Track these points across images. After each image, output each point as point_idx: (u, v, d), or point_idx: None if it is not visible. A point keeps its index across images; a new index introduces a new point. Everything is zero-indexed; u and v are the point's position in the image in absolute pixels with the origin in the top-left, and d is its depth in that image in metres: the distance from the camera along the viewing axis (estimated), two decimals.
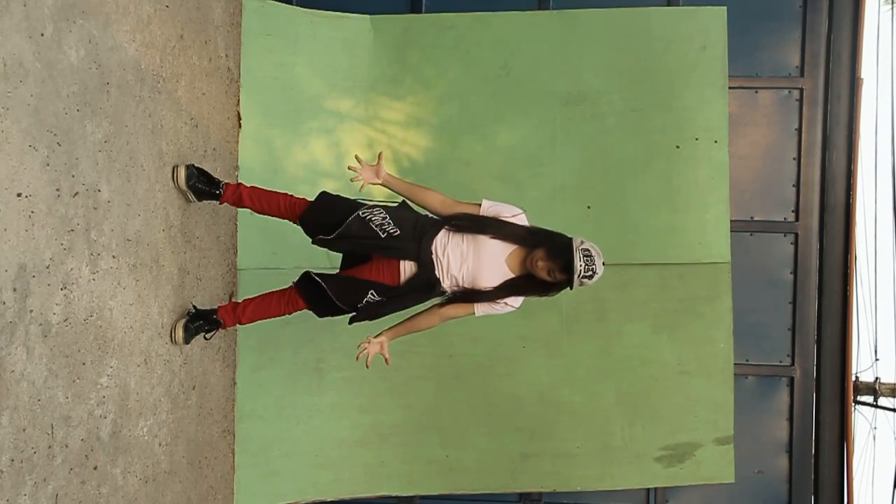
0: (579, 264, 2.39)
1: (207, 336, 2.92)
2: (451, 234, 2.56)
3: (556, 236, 2.51)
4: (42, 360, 2.02)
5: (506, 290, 2.55)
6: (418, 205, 2.62)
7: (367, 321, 2.69)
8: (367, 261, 2.68)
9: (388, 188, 2.62)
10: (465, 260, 2.52)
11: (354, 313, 2.67)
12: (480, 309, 2.59)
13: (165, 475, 2.82)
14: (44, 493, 2.05)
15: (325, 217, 2.60)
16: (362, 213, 2.56)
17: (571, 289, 2.48)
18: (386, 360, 2.62)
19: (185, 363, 2.96)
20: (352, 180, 2.58)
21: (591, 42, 3.84)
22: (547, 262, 2.44)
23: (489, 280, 2.52)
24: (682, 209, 3.80)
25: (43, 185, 2.01)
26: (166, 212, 2.74)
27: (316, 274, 2.64)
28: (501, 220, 2.55)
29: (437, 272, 2.54)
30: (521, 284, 2.55)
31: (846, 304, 4.10)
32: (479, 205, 2.58)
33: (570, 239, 2.47)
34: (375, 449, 3.84)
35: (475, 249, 2.52)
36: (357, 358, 2.59)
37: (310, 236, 2.66)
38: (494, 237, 2.53)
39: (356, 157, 2.59)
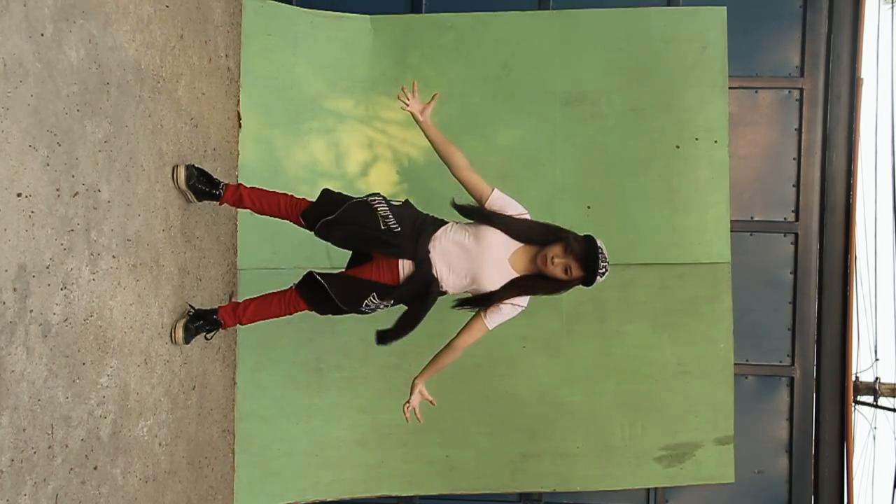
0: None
1: (208, 336, 2.93)
2: (451, 233, 2.56)
3: (572, 233, 2.49)
4: (42, 360, 2.02)
5: (516, 288, 2.51)
6: (443, 158, 2.63)
7: (396, 341, 2.68)
8: (368, 260, 2.68)
9: (424, 131, 2.63)
10: (467, 260, 2.51)
11: (381, 336, 2.67)
12: (492, 320, 2.56)
13: (165, 475, 2.82)
14: (44, 493, 2.05)
15: (329, 205, 2.61)
16: (370, 200, 2.57)
17: (590, 285, 2.45)
18: (431, 402, 2.66)
19: (185, 363, 2.96)
20: (398, 97, 2.60)
21: (591, 42, 3.84)
22: (564, 259, 2.40)
23: (492, 280, 2.50)
24: (682, 209, 3.79)
25: (43, 185, 2.01)
26: (166, 212, 2.74)
27: (318, 274, 2.64)
28: (514, 217, 2.52)
29: (433, 270, 2.54)
30: (532, 282, 2.52)
31: (846, 304, 4.10)
32: (492, 190, 2.56)
33: (589, 235, 2.45)
34: (375, 449, 3.84)
35: (478, 249, 2.50)
36: (407, 420, 2.62)
37: (311, 227, 2.65)
38: (505, 232, 2.50)
39: (413, 83, 2.62)
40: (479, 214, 2.54)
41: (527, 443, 3.88)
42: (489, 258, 2.49)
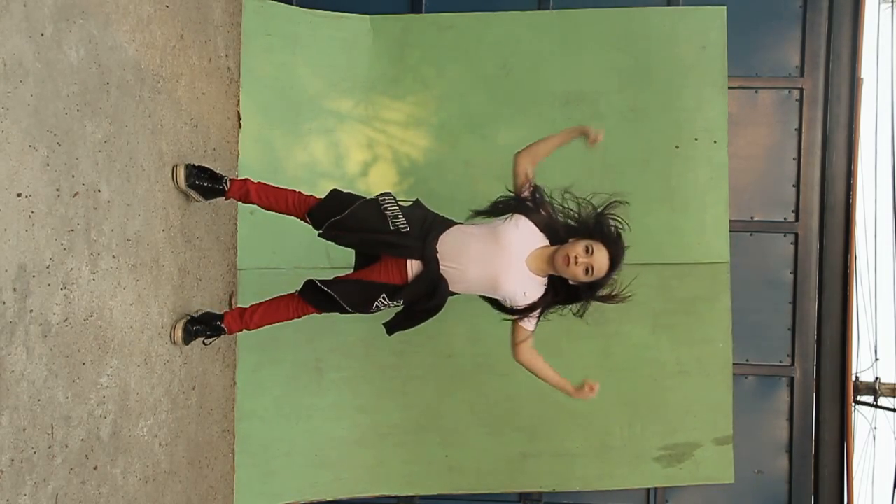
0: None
1: (206, 342, 2.91)
2: (463, 234, 2.53)
3: (588, 228, 2.49)
4: (42, 360, 2.02)
5: (553, 296, 2.53)
6: (535, 154, 2.59)
7: (401, 331, 2.71)
8: (375, 261, 2.66)
9: (562, 141, 2.62)
10: (483, 261, 2.47)
11: (391, 325, 2.68)
12: (531, 323, 2.57)
13: (165, 475, 2.82)
14: (44, 493, 2.05)
15: (336, 207, 2.59)
16: (380, 199, 2.56)
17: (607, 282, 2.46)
18: (592, 386, 2.68)
19: (185, 363, 2.96)
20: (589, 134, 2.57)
21: (591, 42, 3.84)
22: (587, 259, 2.38)
23: (511, 281, 2.47)
24: (682, 209, 3.79)
25: (43, 185, 2.01)
26: (166, 212, 2.74)
27: (321, 281, 2.61)
28: (553, 215, 2.52)
29: (441, 270, 2.52)
30: (563, 289, 2.52)
31: (846, 304, 4.09)
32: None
33: (611, 235, 2.45)
34: (375, 449, 3.84)
35: (496, 250, 2.46)
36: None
37: (318, 226, 2.62)
38: (535, 222, 2.49)
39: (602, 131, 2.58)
40: (521, 203, 2.53)
41: (526, 443, 3.88)
42: (509, 259, 2.47)
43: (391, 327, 2.70)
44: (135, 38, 2.51)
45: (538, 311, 2.55)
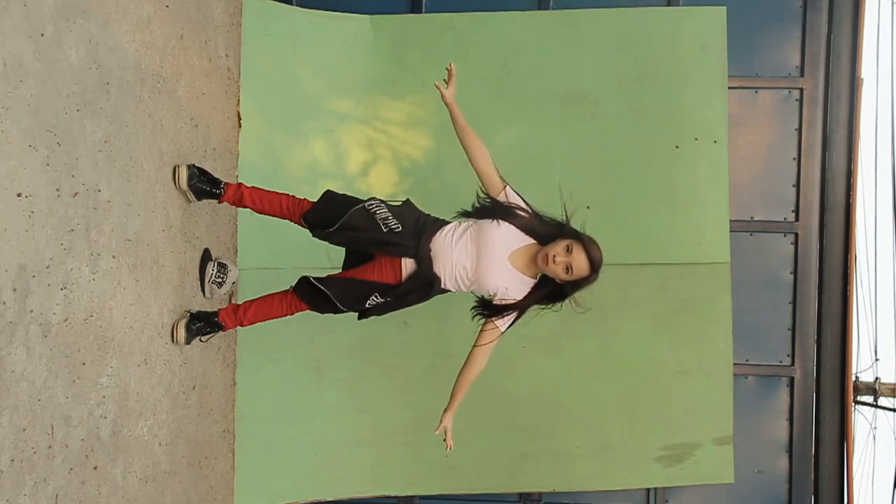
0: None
1: (203, 338, 2.92)
2: (453, 232, 2.56)
3: (572, 231, 2.51)
4: (42, 360, 2.02)
5: (535, 297, 2.54)
6: (462, 144, 2.58)
7: (376, 316, 2.71)
8: (368, 259, 2.68)
9: (450, 113, 2.59)
10: (468, 259, 2.52)
11: (361, 313, 2.68)
12: (504, 323, 2.57)
13: (165, 475, 2.82)
14: (44, 493, 2.05)
15: (329, 211, 2.61)
16: (368, 206, 2.57)
17: (586, 286, 2.47)
18: (449, 446, 2.67)
19: (185, 363, 2.96)
20: (435, 85, 2.56)
21: (591, 42, 3.84)
22: (566, 258, 2.40)
23: (492, 278, 2.51)
24: (682, 209, 3.79)
25: (43, 185, 2.01)
26: (166, 212, 2.74)
27: (315, 279, 2.64)
28: (528, 213, 2.54)
29: (435, 269, 2.54)
30: (547, 289, 2.53)
31: (846, 304, 4.09)
32: (505, 186, 2.55)
33: (587, 235, 2.47)
34: (375, 448, 3.84)
35: (478, 248, 2.51)
36: (449, 448, 2.65)
37: (311, 230, 2.67)
38: (518, 227, 2.51)
39: (451, 66, 2.60)
40: (498, 207, 2.54)
41: (526, 443, 3.87)
42: (490, 257, 2.50)
43: (363, 313, 2.70)
44: (135, 38, 2.51)
45: (519, 310, 2.56)
